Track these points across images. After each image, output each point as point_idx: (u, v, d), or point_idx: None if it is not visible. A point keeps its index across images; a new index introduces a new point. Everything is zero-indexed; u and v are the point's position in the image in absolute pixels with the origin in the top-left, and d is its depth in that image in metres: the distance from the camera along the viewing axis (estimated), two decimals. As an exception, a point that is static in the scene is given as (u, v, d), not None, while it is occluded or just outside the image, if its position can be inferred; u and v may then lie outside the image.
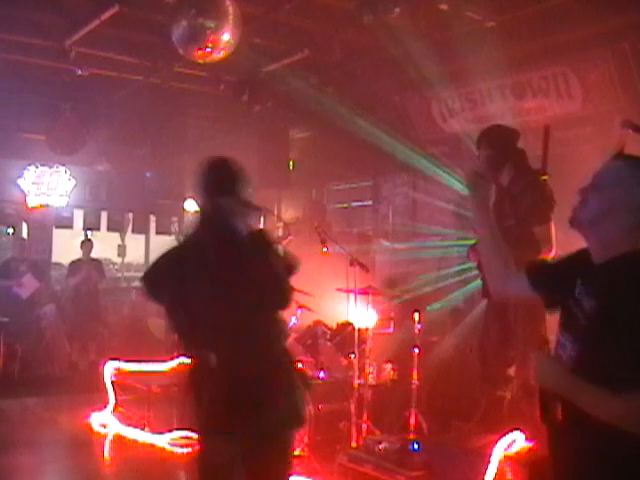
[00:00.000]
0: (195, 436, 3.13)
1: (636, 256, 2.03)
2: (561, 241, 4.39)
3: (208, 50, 5.90)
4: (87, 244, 9.89)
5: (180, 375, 6.16)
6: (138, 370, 6.78)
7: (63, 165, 10.54)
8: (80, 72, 7.67)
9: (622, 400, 1.88)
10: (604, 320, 1.97)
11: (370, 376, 5.83)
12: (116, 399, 6.72)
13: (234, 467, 2.97)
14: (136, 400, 6.66)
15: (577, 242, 2.22)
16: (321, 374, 5.99)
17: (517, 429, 4.76)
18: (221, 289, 2.91)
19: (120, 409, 6.67)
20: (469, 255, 5.38)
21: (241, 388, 2.86)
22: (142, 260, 12.50)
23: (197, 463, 3.08)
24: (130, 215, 11.71)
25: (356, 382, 5.56)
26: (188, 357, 3.11)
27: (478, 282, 5.61)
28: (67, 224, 11.13)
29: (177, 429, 5.78)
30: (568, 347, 2.08)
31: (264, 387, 2.88)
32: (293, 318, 6.54)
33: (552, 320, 4.90)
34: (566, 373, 2.03)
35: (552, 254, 4.84)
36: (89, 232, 11.14)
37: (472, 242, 5.40)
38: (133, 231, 12.03)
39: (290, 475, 3.10)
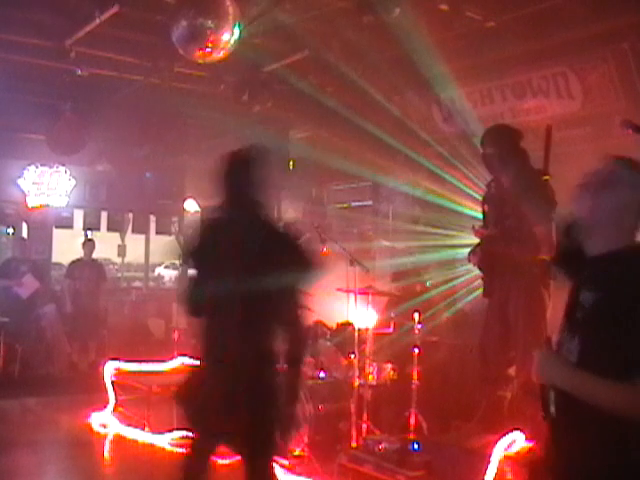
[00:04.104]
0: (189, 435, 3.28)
1: (634, 251, 2.09)
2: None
3: (208, 50, 5.90)
4: (89, 244, 9.87)
5: (180, 375, 6.17)
6: (138, 370, 6.78)
7: (63, 165, 10.54)
8: (80, 72, 7.67)
9: (629, 386, 1.90)
10: (603, 313, 2.00)
11: (370, 376, 5.83)
12: (116, 399, 6.72)
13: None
14: (136, 400, 6.66)
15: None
16: (321, 374, 5.99)
17: (517, 429, 4.76)
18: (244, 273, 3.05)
19: (120, 409, 6.67)
20: (470, 257, 5.39)
21: (240, 389, 3.01)
22: (142, 260, 12.50)
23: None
24: (130, 215, 11.72)
25: (356, 382, 5.56)
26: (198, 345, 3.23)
27: (479, 282, 5.62)
28: (67, 224, 11.13)
29: (177, 429, 5.78)
30: (569, 342, 2.10)
31: (262, 391, 3.05)
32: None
33: (552, 320, 4.91)
34: (568, 367, 2.05)
35: (552, 254, 4.84)
36: (89, 232, 11.14)
37: (474, 243, 5.42)
38: (133, 231, 12.04)
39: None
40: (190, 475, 3.27)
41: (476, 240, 5.39)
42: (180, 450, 5.54)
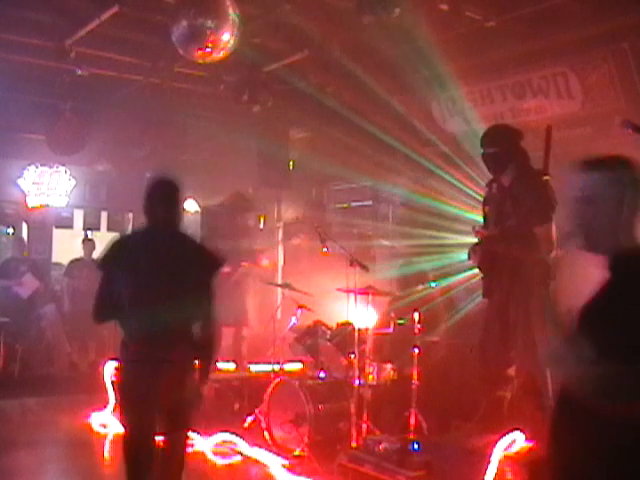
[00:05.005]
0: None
1: (630, 256, 2.11)
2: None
3: (208, 50, 5.90)
4: (89, 243, 9.87)
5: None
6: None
7: (63, 165, 10.53)
8: (80, 72, 7.67)
9: None
10: (616, 315, 2.02)
11: (370, 376, 5.82)
12: (116, 399, 6.71)
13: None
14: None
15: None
16: (321, 374, 5.99)
17: (517, 429, 4.77)
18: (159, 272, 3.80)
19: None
20: (470, 255, 5.38)
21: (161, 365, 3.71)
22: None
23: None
24: (130, 215, 11.69)
25: (356, 382, 5.56)
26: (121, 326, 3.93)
27: (477, 282, 5.62)
28: (67, 224, 11.12)
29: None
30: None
31: (179, 367, 3.75)
32: (293, 318, 6.54)
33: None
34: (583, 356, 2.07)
35: (553, 254, 4.85)
36: (89, 232, 11.13)
37: (473, 242, 5.42)
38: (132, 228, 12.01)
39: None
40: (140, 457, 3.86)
41: (476, 240, 5.39)
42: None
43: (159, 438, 4.04)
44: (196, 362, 3.92)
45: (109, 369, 6.79)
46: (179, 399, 3.87)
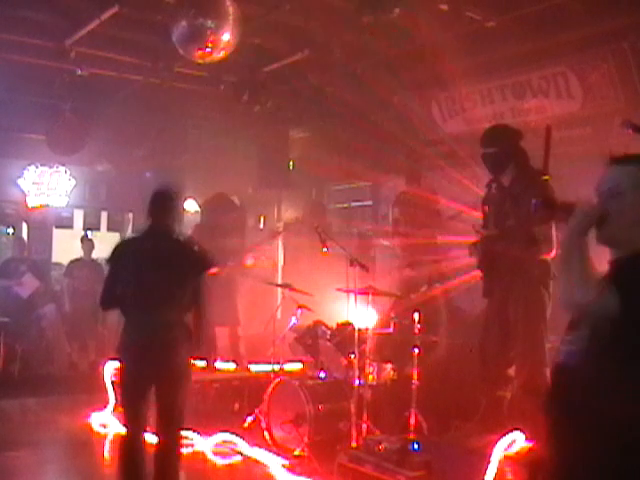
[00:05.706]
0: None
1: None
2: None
3: (208, 50, 5.91)
4: (88, 243, 9.87)
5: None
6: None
7: (63, 165, 10.52)
8: (80, 72, 7.67)
9: None
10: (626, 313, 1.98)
11: (370, 376, 5.82)
12: (116, 399, 6.71)
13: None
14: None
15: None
16: (321, 374, 5.99)
17: (517, 429, 4.77)
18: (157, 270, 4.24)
19: (120, 409, 6.66)
20: (471, 251, 5.38)
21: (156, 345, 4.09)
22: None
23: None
24: (130, 215, 11.70)
25: (356, 382, 5.56)
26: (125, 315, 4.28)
27: (479, 282, 5.61)
28: (67, 224, 11.12)
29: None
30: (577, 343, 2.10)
31: (171, 346, 4.11)
32: (293, 318, 6.54)
33: (552, 320, 4.91)
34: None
35: (552, 254, 4.85)
36: (89, 232, 11.13)
37: (473, 241, 5.41)
38: (133, 231, 12.01)
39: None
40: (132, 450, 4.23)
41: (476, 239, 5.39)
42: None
43: (154, 439, 4.08)
44: (193, 362, 4.24)
45: (109, 369, 6.79)
46: (174, 398, 4.12)
